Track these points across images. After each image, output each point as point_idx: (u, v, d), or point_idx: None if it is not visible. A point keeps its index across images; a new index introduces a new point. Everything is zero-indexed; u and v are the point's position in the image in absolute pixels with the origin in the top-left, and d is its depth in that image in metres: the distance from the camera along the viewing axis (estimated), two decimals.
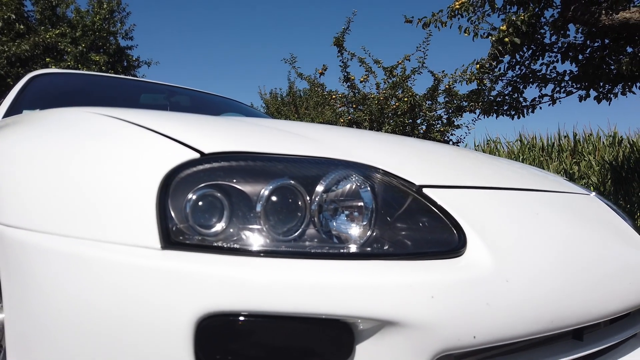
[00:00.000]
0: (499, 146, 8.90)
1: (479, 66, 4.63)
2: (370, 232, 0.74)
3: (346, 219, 0.76)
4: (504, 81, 4.95)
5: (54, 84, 2.37)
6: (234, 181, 0.73)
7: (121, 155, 0.81)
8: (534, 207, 1.03)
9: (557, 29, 4.02)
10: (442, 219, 0.80)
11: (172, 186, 0.71)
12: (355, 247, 0.72)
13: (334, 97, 6.40)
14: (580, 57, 4.52)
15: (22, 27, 9.70)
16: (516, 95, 4.89)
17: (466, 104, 5.76)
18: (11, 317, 0.76)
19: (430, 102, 5.89)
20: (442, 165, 1.14)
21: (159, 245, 0.68)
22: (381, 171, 0.84)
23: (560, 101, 4.89)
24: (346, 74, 6.02)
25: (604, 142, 7.83)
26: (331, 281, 0.66)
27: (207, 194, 0.71)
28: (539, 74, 4.82)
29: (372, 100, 5.90)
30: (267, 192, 0.72)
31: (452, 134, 6.16)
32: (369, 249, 0.73)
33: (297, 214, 0.73)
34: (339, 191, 0.77)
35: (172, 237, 0.68)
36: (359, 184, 0.78)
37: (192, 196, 0.71)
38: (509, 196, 1.02)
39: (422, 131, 6.04)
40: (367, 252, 0.72)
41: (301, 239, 0.71)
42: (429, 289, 0.67)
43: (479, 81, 5.18)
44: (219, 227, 0.70)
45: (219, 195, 0.72)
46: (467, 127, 6.16)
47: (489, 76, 5.03)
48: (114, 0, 10.84)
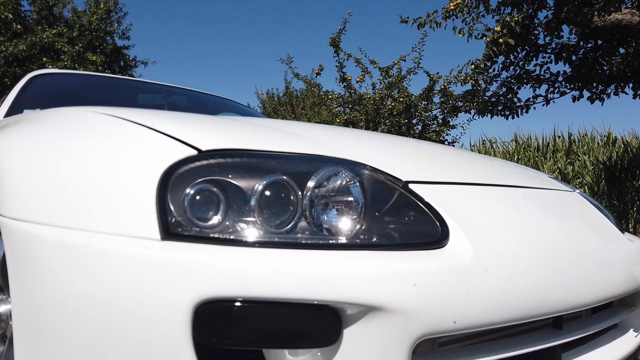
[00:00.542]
0: (495, 146, 8.94)
1: (473, 67, 4.67)
2: (358, 225, 0.79)
3: (336, 212, 0.80)
4: (499, 82, 5.00)
5: (53, 84, 2.40)
6: (230, 177, 0.77)
7: (122, 152, 0.85)
8: (517, 202, 1.07)
9: (550, 30, 4.06)
10: (426, 212, 0.84)
11: (171, 181, 0.75)
12: (344, 239, 0.77)
13: (330, 97, 6.45)
14: (573, 58, 4.57)
15: (19, 26, 9.69)
16: (510, 95, 4.93)
17: (461, 104, 5.82)
18: (18, 308, 0.80)
19: (425, 103, 5.95)
20: (431, 162, 1.18)
21: (158, 236, 0.72)
22: (369, 167, 0.88)
23: (554, 101, 4.94)
24: (342, 74, 6.07)
25: (599, 143, 7.88)
26: (321, 270, 0.70)
27: (204, 188, 0.76)
28: (533, 74, 4.86)
29: (368, 100, 5.95)
30: (260, 187, 0.77)
31: (447, 134, 6.22)
32: (356, 241, 0.77)
33: (290, 208, 0.78)
34: (330, 186, 0.81)
35: (171, 229, 0.72)
36: (349, 179, 0.83)
37: (190, 190, 0.75)
38: (493, 192, 1.07)
39: (417, 131, 6.09)
40: (354, 243, 0.77)
41: (293, 231, 0.76)
42: (411, 277, 0.72)
43: (473, 82, 5.23)
44: (216, 219, 0.74)
45: (216, 189, 0.76)
46: (463, 127, 6.24)
47: (484, 77, 5.07)
48: (110, 0, 10.85)
